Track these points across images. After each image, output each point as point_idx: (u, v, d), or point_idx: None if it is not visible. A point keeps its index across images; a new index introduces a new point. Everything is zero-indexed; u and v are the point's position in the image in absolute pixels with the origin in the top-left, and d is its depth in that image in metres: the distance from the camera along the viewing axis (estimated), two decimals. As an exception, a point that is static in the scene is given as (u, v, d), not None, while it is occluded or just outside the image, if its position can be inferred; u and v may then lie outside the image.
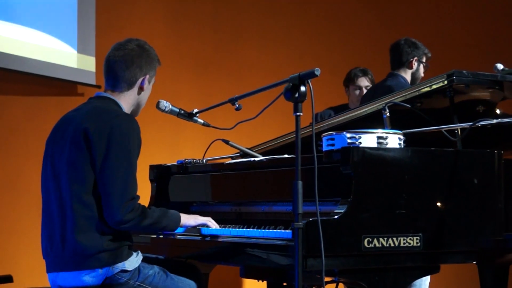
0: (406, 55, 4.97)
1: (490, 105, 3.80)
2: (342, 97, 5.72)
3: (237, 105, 3.14)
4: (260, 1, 7.21)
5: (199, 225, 3.26)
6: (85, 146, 2.96)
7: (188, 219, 3.24)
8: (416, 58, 4.96)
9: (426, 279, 4.95)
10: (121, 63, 3.18)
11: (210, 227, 3.27)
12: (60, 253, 2.98)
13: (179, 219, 3.17)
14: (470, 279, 4.68)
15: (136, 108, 3.26)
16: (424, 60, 5.02)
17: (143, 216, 2.96)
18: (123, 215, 2.89)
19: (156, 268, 3.10)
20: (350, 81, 5.57)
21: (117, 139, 2.96)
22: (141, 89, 3.21)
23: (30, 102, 5.88)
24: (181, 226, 3.20)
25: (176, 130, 5.68)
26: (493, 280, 3.80)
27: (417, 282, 4.89)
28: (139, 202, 2.99)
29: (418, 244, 2.84)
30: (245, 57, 7.05)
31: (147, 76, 3.21)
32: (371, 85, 5.51)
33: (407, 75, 4.96)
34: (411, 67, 4.97)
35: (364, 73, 5.54)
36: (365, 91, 5.49)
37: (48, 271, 3.07)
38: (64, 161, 3.03)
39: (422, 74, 5.04)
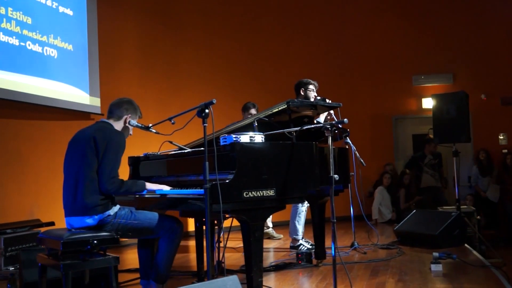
0: (297, 88, 4.46)
1: (311, 118, 3.78)
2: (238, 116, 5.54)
3: (173, 121, 3.00)
4: (198, 54, 7.07)
5: (158, 189, 3.04)
6: (93, 146, 2.79)
7: (151, 186, 3.02)
8: (303, 89, 4.38)
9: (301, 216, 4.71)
10: (116, 105, 3.03)
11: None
12: (73, 205, 2.78)
13: (144, 185, 2.95)
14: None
15: (124, 133, 3.02)
16: (307, 87, 4.42)
17: (120, 185, 2.78)
18: (108, 186, 2.74)
19: (126, 209, 2.88)
20: (246, 109, 5.30)
21: (112, 145, 2.80)
22: (125, 122, 3.02)
23: (62, 124, 5.62)
24: (146, 189, 2.97)
25: (143, 136, 5.44)
26: (318, 212, 3.83)
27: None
28: (120, 178, 2.80)
29: (273, 194, 2.78)
30: (185, 96, 6.88)
31: (130, 116, 3.02)
32: (257, 113, 5.16)
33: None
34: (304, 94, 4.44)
35: (254, 106, 5.32)
36: None
37: (65, 216, 2.86)
38: (79, 154, 2.83)
39: (311, 96, 4.40)
